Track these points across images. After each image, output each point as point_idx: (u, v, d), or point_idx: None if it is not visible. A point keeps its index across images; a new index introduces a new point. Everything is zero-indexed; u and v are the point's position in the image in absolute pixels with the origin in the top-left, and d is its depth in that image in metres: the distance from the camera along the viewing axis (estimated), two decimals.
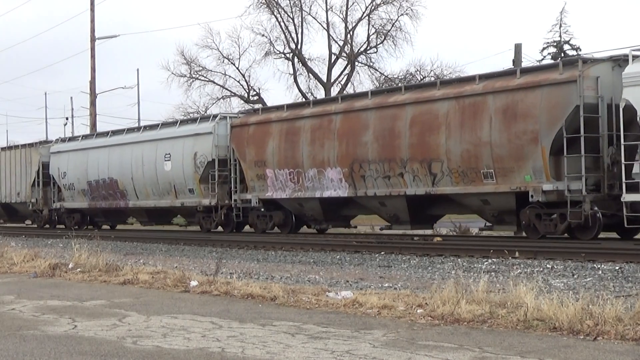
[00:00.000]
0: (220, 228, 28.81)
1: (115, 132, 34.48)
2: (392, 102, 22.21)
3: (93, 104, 44.55)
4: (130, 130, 33.95)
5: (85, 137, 37.01)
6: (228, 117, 27.95)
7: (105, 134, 35.17)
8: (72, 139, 38.08)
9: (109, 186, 32.82)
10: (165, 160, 29.41)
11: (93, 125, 44.39)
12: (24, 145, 40.13)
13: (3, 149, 41.83)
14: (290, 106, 26.72)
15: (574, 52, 59.95)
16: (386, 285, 11.75)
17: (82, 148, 35.09)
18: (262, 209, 26.46)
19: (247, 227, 28.91)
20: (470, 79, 21.15)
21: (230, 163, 27.14)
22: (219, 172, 27.36)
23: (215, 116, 28.60)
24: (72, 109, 73.78)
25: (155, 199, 30.42)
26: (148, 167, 30.34)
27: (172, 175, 29.09)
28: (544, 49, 62.60)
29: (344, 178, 23.24)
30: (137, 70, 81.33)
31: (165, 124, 32.20)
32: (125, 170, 31.65)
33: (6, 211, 41.44)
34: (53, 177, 36.64)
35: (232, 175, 27.02)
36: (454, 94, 20.64)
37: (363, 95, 24.38)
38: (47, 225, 37.99)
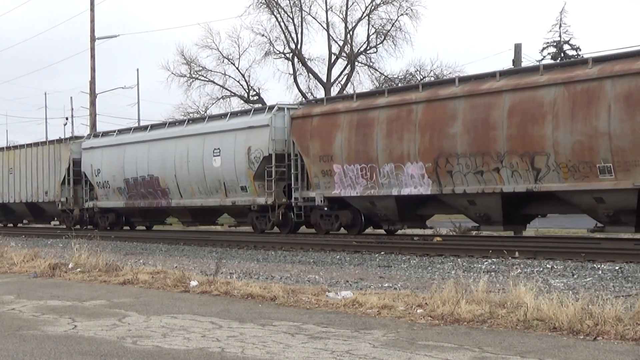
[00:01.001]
0: (275, 229, 26.54)
1: (155, 126, 32.46)
2: (486, 90, 19.95)
3: (93, 104, 44.53)
4: (172, 123, 31.89)
5: (121, 131, 34.43)
6: (286, 109, 25.61)
7: (144, 128, 33.16)
8: (106, 133, 35.20)
9: (148, 184, 30.45)
10: (214, 156, 27.11)
11: (93, 125, 44.34)
12: (52, 141, 37.60)
13: (29, 145, 39.06)
14: (361, 95, 24.57)
15: (574, 52, 60.01)
16: (386, 285, 11.75)
17: (118, 143, 32.66)
18: (326, 208, 24.32)
19: (303, 228, 26.94)
20: (580, 63, 19.33)
21: (291, 158, 24.97)
22: (277, 168, 25.11)
23: (271, 107, 26.24)
24: (72, 109, 73.84)
25: (202, 198, 28.04)
26: (194, 163, 27.97)
27: (222, 172, 26.82)
28: (543, 49, 62.65)
29: (427, 174, 21.06)
30: (137, 70, 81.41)
31: (212, 117, 29.57)
32: (168, 167, 29.28)
33: (32, 211, 39.05)
34: (85, 175, 34.42)
35: (292, 171, 24.83)
36: (563, 79, 18.50)
37: (448, 82, 22.30)
38: (78, 226, 35.12)
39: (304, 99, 45.70)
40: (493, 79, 20.12)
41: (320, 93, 48.76)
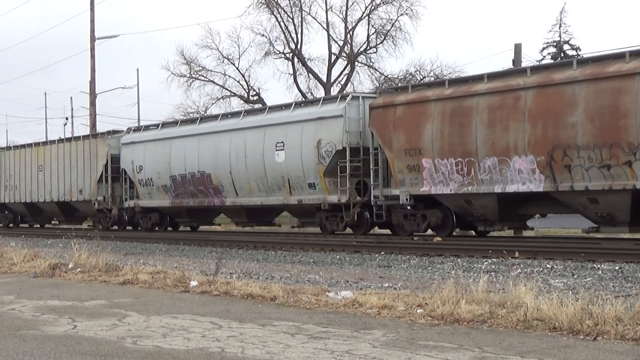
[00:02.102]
0: (346, 230, 24.26)
1: (205, 119, 30.01)
2: (614, 72, 17.63)
3: (93, 104, 44.52)
4: (226, 115, 28.85)
5: (165, 124, 31.94)
6: (361, 97, 23.39)
7: (193, 120, 30.51)
8: (149, 127, 32.80)
9: (199, 181, 27.93)
10: (277, 150, 24.70)
11: (93, 125, 44.33)
12: (86, 136, 35.22)
13: (60, 140, 36.76)
14: (454, 82, 21.91)
15: (574, 52, 60.02)
16: (386, 285, 11.75)
17: (163, 138, 30.01)
18: (409, 207, 21.84)
19: (376, 229, 24.99)
20: None
21: (367, 152, 22.56)
22: (351, 163, 22.86)
23: (344, 96, 23.96)
24: (72, 109, 73.80)
25: (262, 196, 25.74)
26: (253, 158, 25.65)
27: (286, 168, 24.51)
28: (543, 49, 62.68)
29: (539, 168, 18.68)
30: (137, 70, 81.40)
31: (273, 108, 26.77)
32: (222, 163, 26.89)
33: (63, 211, 36.44)
34: (125, 172, 31.85)
35: (371, 166, 22.30)
36: None
37: (564, 65, 19.92)
38: (116, 227, 33.38)
39: (303, 98, 45.69)
40: (621, 60, 17.86)
41: (320, 93, 48.74)
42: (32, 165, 37.31)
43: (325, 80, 49.87)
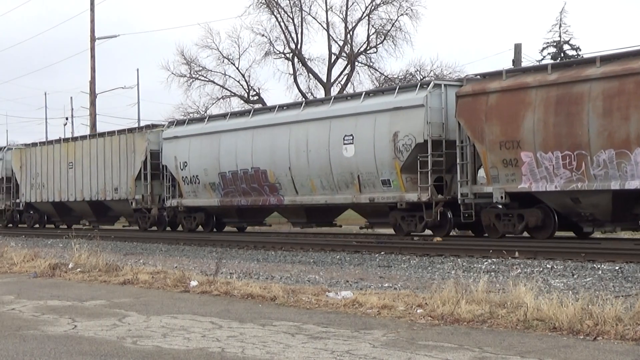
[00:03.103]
0: (424, 230, 22.14)
1: (259, 111, 27.81)
2: None
3: (93, 104, 44.53)
4: (283, 107, 26.34)
5: (212, 117, 29.55)
6: (443, 85, 21.21)
7: (244, 112, 28.23)
8: (193, 120, 30.71)
9: (252, 179, 25.81)
10: (345, 144, 22.61)
11: (93, 125, 44.36)
12: (122, 131, 32.64)
13: (92, 136, 34.61)
14: (558, 66, 19.79)
15: (574, 52, 60.04)
16: (386, 285, 11.75)
17: (210, 131, 27.69)
18: (500, 206, 19.68)
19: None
20: None
21: (456, 145, 20.41)
22: (434, 158, 20.82)
23: (425, 84, 21.81)
24: (72, 109, 73.73)
25: (326, 194, 23.63)
26: (317, 153, 23.54)
27: (356, 163, 22.43)
28: (543, 49, 62.65)
29: None
30: (137, 70, 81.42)
31: (339, 98, 24.69)
32: (279, 158, 24.76)
33: (95, 210, 34.24)
34: (167, 169, 29.52)
35: (458, 161, 20.30)
36: None
37: None
38: (155, 227, 31.36)
39: (303, 98, 45.65)
40: None
41: (320, 93, 48.78)
42: (61, 162, 35.09)
43: (325, 80, 49.90)
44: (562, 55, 60.13)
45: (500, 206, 19.66)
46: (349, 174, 22.76)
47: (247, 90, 51.32)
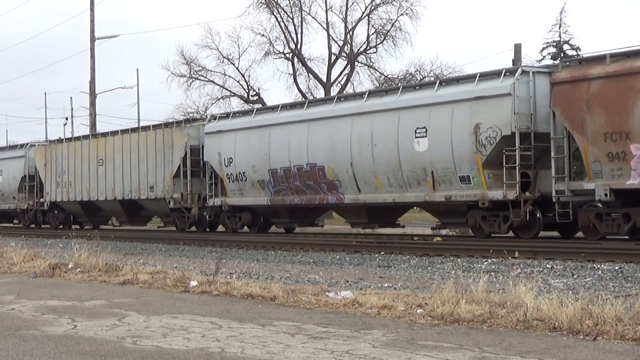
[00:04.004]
0: (508, 232, 20.10)
1: (315, 102, 26.05)
2: None
3: (93, 104, 44.53)
4: (343, 98, 24.77)
5: (260, 110, 27.70)
6: (531, 73, 19.35)
7: (298, 104, 26.36)
8: (239, 113, 28.50)
9: (308, 175, 24.04)
10: (418, 137, 20.79)
11: (93, 125, 44.34)
12: (158, 126, 30.88)
13: (125, 131, 32.50)
14: None
15: (574, 52, 60.05)
16: (386, 285, 11.75)
17: (259, 125, 25.82)
18: (600, 205, 17.92)
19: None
20: None
21: (551, 137, 18.63)
22: (522, 152, 19.07)
23: (510, 70, 19.93)
24: (72, 109, 73.74)
25: (394, 192, 21.77)
26: (383, 147, 21.70)
27: (430, 158, 20.66)
28: (543, 49, 62.63)
29: None
30: (137, 70, 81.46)
31: (407, 88, 22.78)
32: (340, 153, 22.95)
33: (127, 210, 32.38)
34: (210, 165, 27.69)
35: (554, 155, 18.53)
36: None
37: None
38: (194, 228, 29.58)
39: (303, 98, 45.62)
40: None
41: (320, 93, 48.78)
42: (90, 160, 33.09)
43: (325, 80, 49.90)
44: (562, 55, 60.14)
45: (600, 205, 17.95)
46: (421, 170, 20.95)
47: (247, 90, 51.35)
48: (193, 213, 28.35)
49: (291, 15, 49.73)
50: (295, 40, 49.91)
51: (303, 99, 29.22)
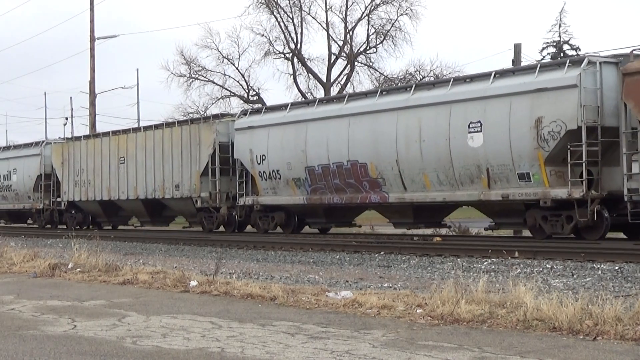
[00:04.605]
0: (571, 233, 18.85)
1: (355, 96, 24.58)
2: None
3: (93, 104, 44.50)
4: (386, 91, 23.36)
5: (295, 105, 26.31)
6: (599, 63, 18.06)
7: (336, 98, 25.21)
8: (272, 108, 27.08)
9: (348, 173, 22.85)
10: (471, 132, 19.64)
11: (92, 125, 44.32)
12: (183, 122, 29.75)
13: (148, 127, 31.35)
14: None
15: (574, 52, 60.07)
16: (386, 285, 11.75)
17: (294, 120, 24.61)
18: None
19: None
20: None
21: (620, 132, 17.61)
22: (589, 147, 17.84)
23: (576, 61, 18.72)
24: (72, 109, 73.79)
25: (444, 190, 20.67)
26: (432, 142, 20.56)
27: (485, 154, 19.48)
28: (543, 49, 62.74)
29: None
30: (137, 70, 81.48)
31: (459, 80, 21.37)
32: (384, 150, 21.75)
33: (149, 209, 31.13)
34: (240, 163, 26.54)
35: (624, 150, 17.39)
36: None
37: None
38: (222, 228, 28.32)
39: (303, 98, 45.64)
40: None
41: (320, 93, 48.78)
42: (110, 157, 31.81)
43: (325, 80, 49.91)
44: (562, 55, 60.16)
45: None
46: (474, 167, 19.78)
47: (247, 90, 51.36)
48: (222, 213, 27.21)
49: (291, 15, 49.77)
50: (295, 40, 49.95)
51: (343, 94, 28.44)
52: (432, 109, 20.65)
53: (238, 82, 51.46)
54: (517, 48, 31.59)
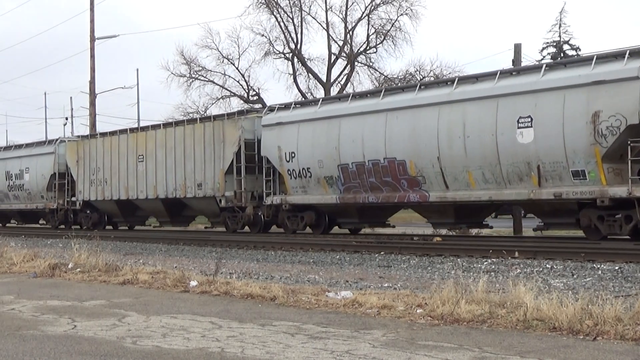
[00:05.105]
0: (629, 234, 17.80)
1: (392, 90, 23.26)
2: None
3: (93, 104, 44.50)
4: (425, 85, 22.22)
5: (327, 100, 25.37)
6: None
7: (372, 93, 23.88)
8: (301, 104, 26.47)
9: (385, 171, 21.84)
10: (520, 127, 18.76)
11: (93, 125, 44.32)
12: (206, 118, 28.67)
13: (168, 124, 30.45)
14: None
15: (574, 52, 60.11)
16: (386, 285, 11.75)
17: (327, 116, 23.68)
18: None
19: None
20: None
21: None
22: None
23: (637, 51, 17.59)
24: (72, 109, 73.83)
25: (490, 189, 19.66)
26: (478, 138, 19.61)
27: (536, 150, 18.53)
28: (543, 49, 62.78)
29: None
30: (137, 70, 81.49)
31: (505, 73, 20.16)
32: (425, 146, 20.80)
33: (169, 209, 30.11)
34: (268, 160, 25.53)
35: None
36: None
37: None
38: (248, 229, 27.42)
39: (303, 98, 45.65)
40: None
41: (320, 93, 48.78)
42: (128, 155, 30.87)
43: (325, 80, 49.91)
44: (562, 55, 60.21)
45: None
46: (524, 164, 18.84)
47: (247, 90, 51.36)
48: (248, 212, 26.25)
49: (291, 15, 49.76)
50: (295, 40, 49.94)
51: (378, 88, 27.41)
52: (477, 104, 19.77)
53: (238, 82, 51.48)
54: (517, 48, 31.57)
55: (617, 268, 13.34)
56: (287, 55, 50.35)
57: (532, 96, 18.62)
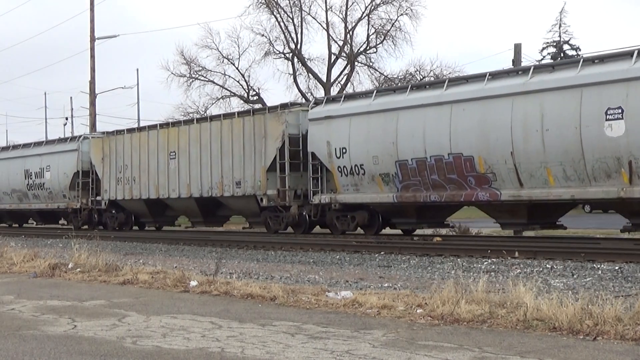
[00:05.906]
0: None
1: (456, 81, 21.39)
2: None
3: (93, 104, 44.52)
4: (494, 75, 19.98)
5: (382, 92, 23.57)
6: None
7: (433, 84, 22.20)
8: (353, 96, 24.78)
9: (450, 167, 20.15)
10: (610, 120, 17.03)
11: (92, 125, 44.34)
12: (245, 112, 26.96)
13: (202, 119, 28.84)
14: None
15: (574, 52, 60.12)
16: (386, 285, 11.75)
17: (382, 109, 21.90)
18: None
19: None
20: None
21: None
22: None
23: None
24: (72, 109, 73.95)
25: (571, 187, 18.00)
26: (558, 132, 17.93)
27: (627, 144, 16.84)
28: (543, 49, 62.81)
29: None
30: (137, 70, 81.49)
31: (588, 60, 18.26)
32: (496, 141, 19.14)
33: (202, 209, 28.27)
34: (315, 157, 23.74)
35: None
36: None
37: None
38: (292, 230, 25.54)
39: (303, 98, 45.67)
40: None
41: (320, 93, 48.76)
42: (159, 152, 28.93)
43: (325, 80, 49.91)
44: (562, 55, 60.23)
45: None
46: (612, 160, 17.12)
47: (247, 90, 51.35)
48: (292, 212, 24.44)
49: (291, 15, 49.74)
50: (295, 40, 49.93)
51: (441, 78, 25.52)
52: (557, 94, 18.02)
53: (238, 82, 51.46)
54: (517, 48, 31.60)
55: (617, 268, 13.34)
56: (287, 55, 50.35)
57: (623, 85, 16.87)
